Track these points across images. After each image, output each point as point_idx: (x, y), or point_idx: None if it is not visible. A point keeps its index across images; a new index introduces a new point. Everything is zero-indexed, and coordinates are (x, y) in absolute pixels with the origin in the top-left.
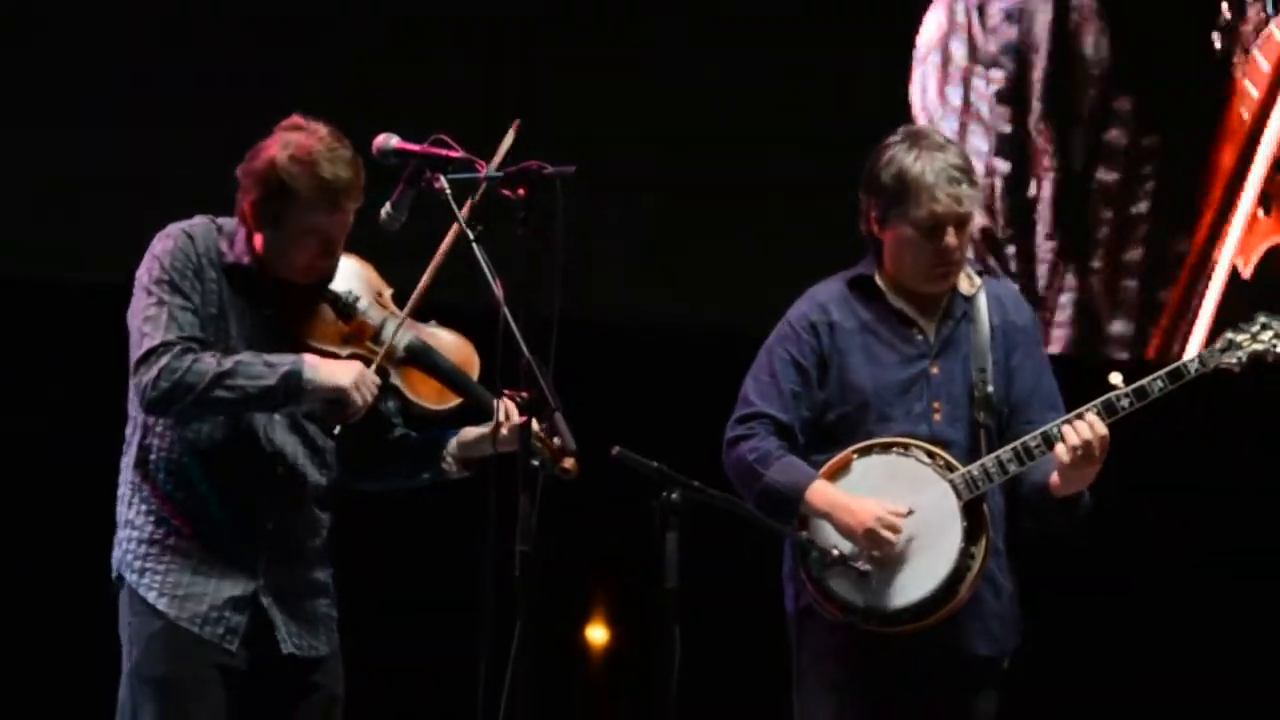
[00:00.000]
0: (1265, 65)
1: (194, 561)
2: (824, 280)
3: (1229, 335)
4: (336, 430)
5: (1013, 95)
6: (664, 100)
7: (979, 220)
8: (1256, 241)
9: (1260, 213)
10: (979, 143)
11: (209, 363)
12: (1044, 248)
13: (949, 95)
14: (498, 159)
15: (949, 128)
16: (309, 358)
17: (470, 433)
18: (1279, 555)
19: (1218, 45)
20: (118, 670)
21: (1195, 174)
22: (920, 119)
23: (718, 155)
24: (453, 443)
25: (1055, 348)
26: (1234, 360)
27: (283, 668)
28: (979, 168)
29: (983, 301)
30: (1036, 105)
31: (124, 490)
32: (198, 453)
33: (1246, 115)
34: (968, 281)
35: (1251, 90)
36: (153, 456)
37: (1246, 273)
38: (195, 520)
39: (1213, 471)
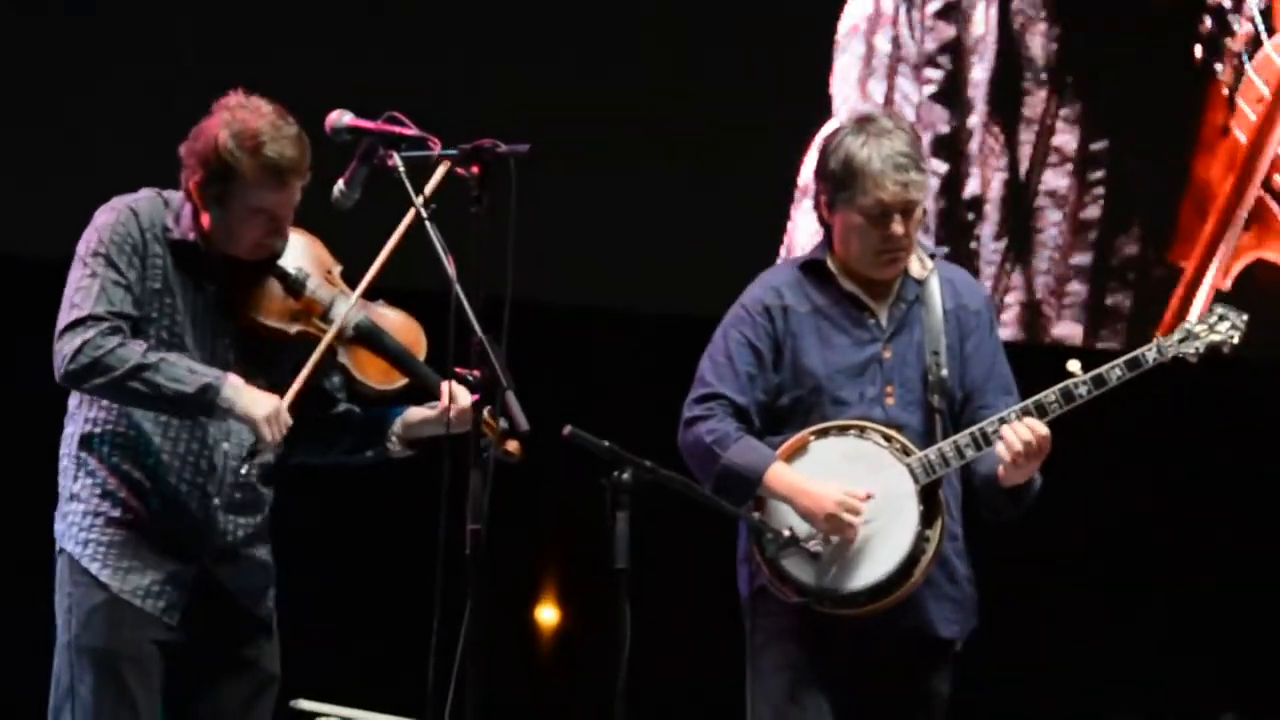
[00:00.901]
0: (1264, 89)
1: (138, 534)
2: (777, 264)
3: (1186, 326)
4: (244, 469)
5: (951, 95)
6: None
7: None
8: (1236, 257)
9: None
10: None
11: (134, 350)
12: (990, 248)
13: (871, 90)
14: (428, 191)
15: None
16: (233, 378)
17: (416, 413)
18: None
19: (1199, 55)
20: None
21: (1153, 179)
22: (840, 112)
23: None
24: (397, 422)
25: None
26: (1191, 350)
27: (220, 646)
28: None
29: (935, 285)
30: (982, 106)
31: (66, 463)
32: (143, 426)
33: (1243, 137)
34: (920, 265)
35: (1248, 112)
36: (98, 430)
37: (1226, 284)
38: (140, 494)
39: (1167, 453)
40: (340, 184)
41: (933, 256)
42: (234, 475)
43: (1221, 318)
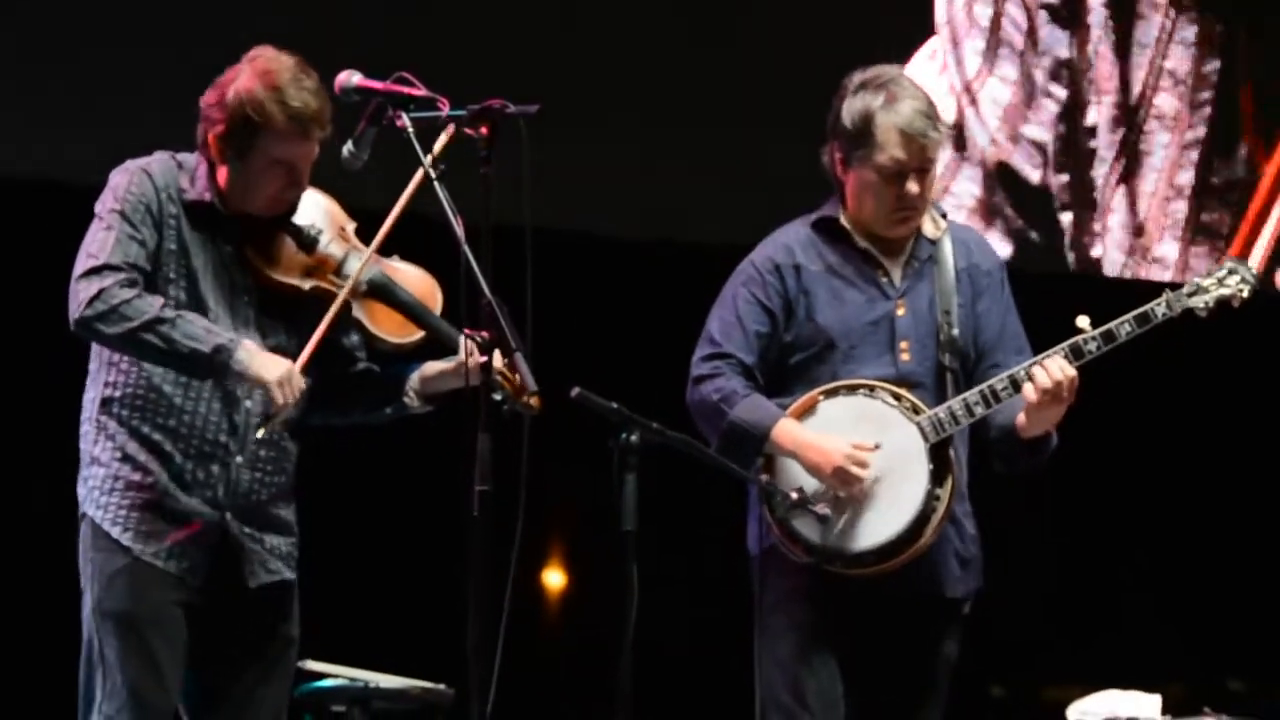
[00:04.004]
0: None
1: (159, 496)
2: (788, 223)
3: (1196, 280)
4: (260, 433)
5: (1070, 19)
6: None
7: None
8: None
9: None
10: (1008, 69)
11: (152, 303)
12: (1098, 172)
13: (977, 14)
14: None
15: (973, 47)
16: (247, 343)
17: (432, 366)
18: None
19: None
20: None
21: (1262, 100)
22: (942, 30)
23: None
24: (414, 376)
25: (1108, 269)
26: (1201, 304)
27: (242, 607)
28: (1011, 95)
29: (948, 245)
30: (1095, 33)
31: (86, 428)
32: (163, 388)
33: None
34: (933, 225)
35: None
36: (117, 394)
37: None
38: (160, 455)
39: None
40: (349, 145)
41: (944, 216)
42: (256, 433)
43: (1231, 271)
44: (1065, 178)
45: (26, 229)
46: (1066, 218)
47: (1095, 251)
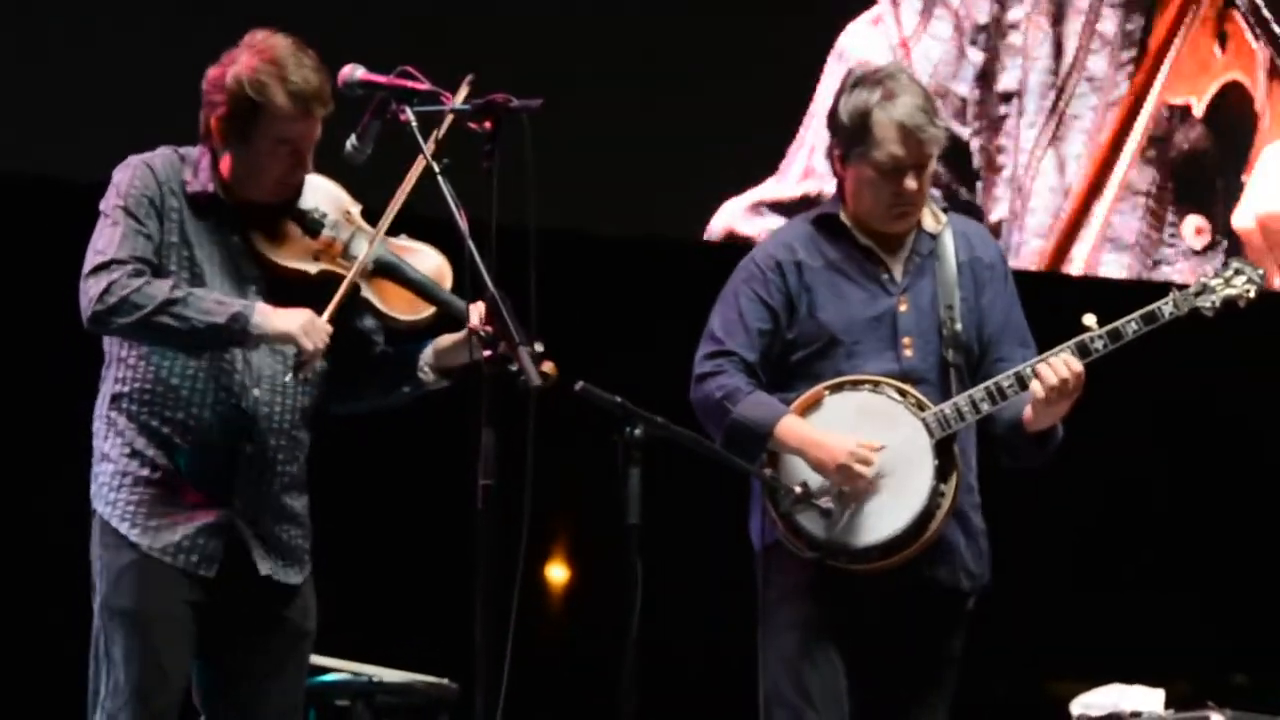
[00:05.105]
0: None
1: (168, 491)
2: (789, 220)
3: (1203, 279)
4: (289, 378)
5: None
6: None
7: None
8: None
9: (1217, 50)
10: (942, 29)
11: (160, 287)
12: (1025, 137)
13: None
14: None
15: (911, 8)
16: (261, 306)
17: (445, 340)
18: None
19: None
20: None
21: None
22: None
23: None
24: (428, 350)
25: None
26: (1208, 304)
27: (254, 601)
28: (940, 53)
29: (949, 239)
30: None
31: (97, 424)
32: (170, 380)
33: None
34: (933, 219)
35: None
36: (126, 389)
37: (1199, 110)
38: (169, 449)
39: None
40: (353, 139)
41: (945, 210)
42: (266, 422)
43: (1238, 272)
44: (977, 141)
45: (32, 226)
46: (978, 184)
47: (993, 217)
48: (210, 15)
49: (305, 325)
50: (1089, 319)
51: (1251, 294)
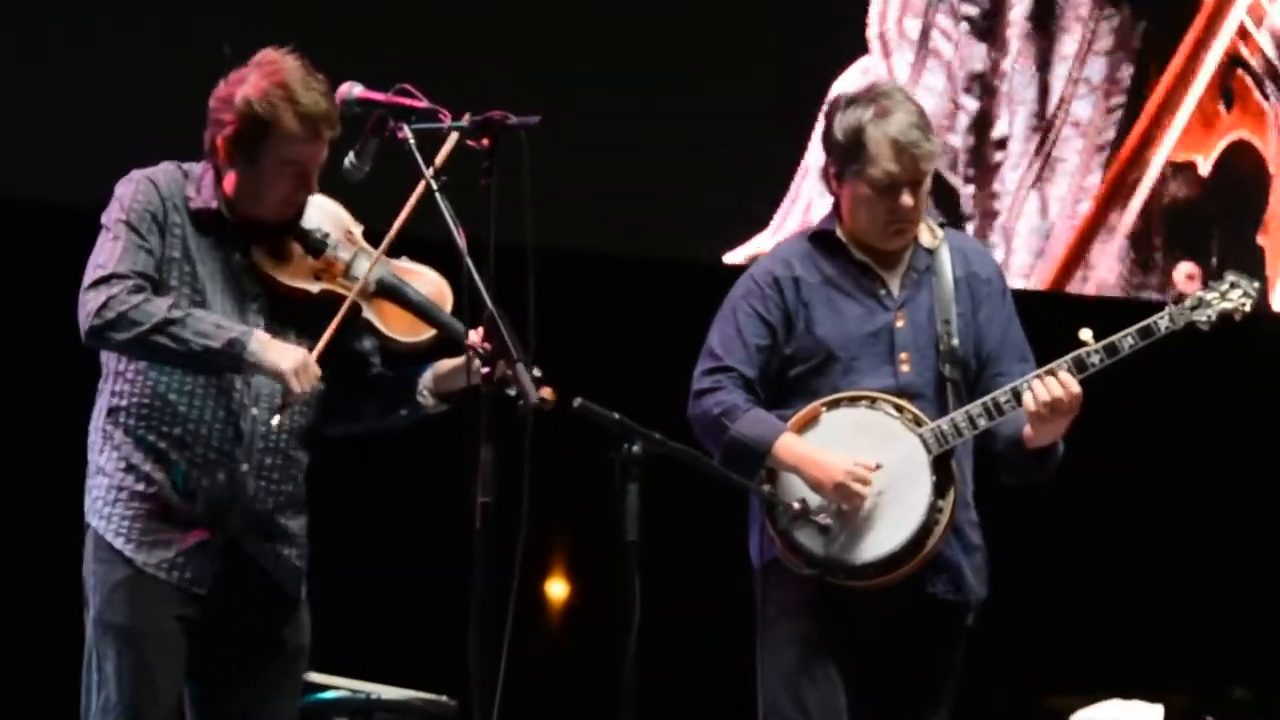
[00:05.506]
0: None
1: (163, 507)
2: (786, 237)
3: (1199, 293)
4: (274, 420)
5: (988, 33)
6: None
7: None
8: (1218, 135)
9: (1222, 108)
10: (935, 80)
11: (159, 305)
12: (1009, 179)
13: (907, 27)
14: (439, 162)
15: (904, 60)
16: (260, 333)
17: (445, 364)
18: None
19: None
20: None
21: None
22: (874, 46)
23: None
24: (427, 374)
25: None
26: (1204, 318)
27: (248, 619)
28: (935, 105)
29: (945, 254)
30: (1017, 45)
31: (94, 438)
32: (167, 396)
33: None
34: (930, 234)
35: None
36: (122, 403)
37: (1206, 170)
38: (165, 465)
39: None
40: (351, 157)
41: (942, 225)
42: (263, 440)
43: (1234, 285)
44: (970, 189)
45: (28, 247)
46: (969, 228)
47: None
48: (210, 16)
49: (298, 366)
50: (1085, 334)
51: (1247, 307)
